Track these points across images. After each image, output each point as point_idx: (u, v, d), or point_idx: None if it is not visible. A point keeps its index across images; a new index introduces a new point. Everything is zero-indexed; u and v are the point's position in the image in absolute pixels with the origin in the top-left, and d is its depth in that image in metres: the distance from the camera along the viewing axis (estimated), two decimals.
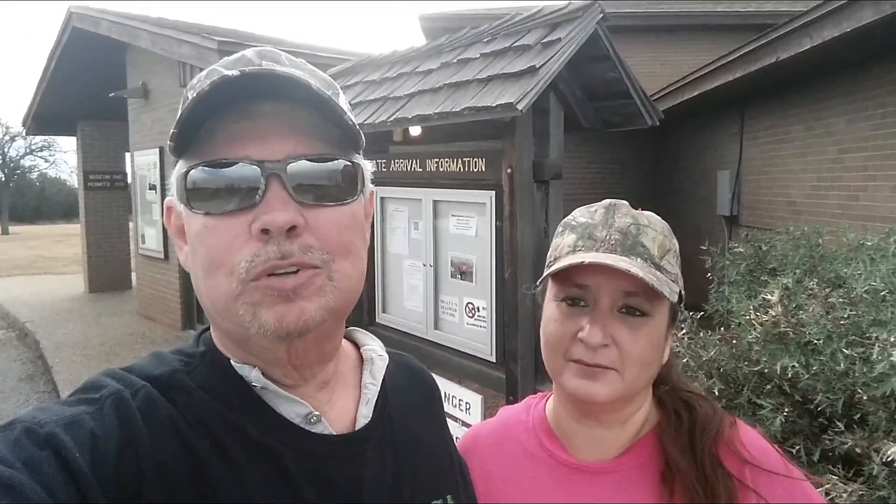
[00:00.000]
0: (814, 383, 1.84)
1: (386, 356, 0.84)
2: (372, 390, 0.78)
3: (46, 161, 41.82)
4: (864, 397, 1.70)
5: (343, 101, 0.70)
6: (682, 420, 0.91)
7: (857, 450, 1.70)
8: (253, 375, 0.67)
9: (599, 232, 0.89)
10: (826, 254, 2.63)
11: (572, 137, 3.21)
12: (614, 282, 0.85)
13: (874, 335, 1.77)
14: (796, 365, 1.83)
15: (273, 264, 0.61)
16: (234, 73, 0.61)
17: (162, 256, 8.86)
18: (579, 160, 9.27)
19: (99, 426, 0.58)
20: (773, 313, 2.00)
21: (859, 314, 1.91)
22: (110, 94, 8.87)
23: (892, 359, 1.61)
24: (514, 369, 3.15)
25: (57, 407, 0.60)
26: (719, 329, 2.36)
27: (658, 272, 0.86)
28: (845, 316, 1.90)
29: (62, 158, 43.77)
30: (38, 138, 36.12)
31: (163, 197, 8.73)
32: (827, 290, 2.11)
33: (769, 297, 2.07)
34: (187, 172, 0.64)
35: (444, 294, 3.61)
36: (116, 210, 11.80)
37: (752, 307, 2.11)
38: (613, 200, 0.95)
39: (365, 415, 0.76)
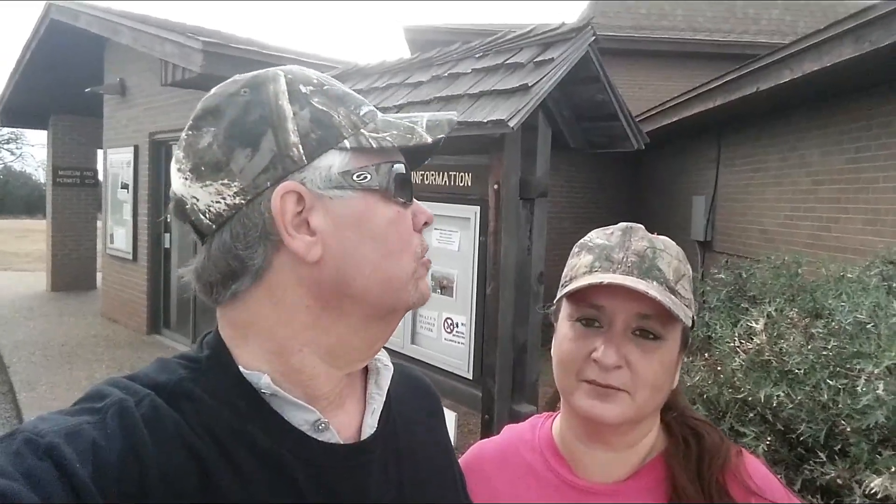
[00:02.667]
0: (797, 413, 1.85)
1: (391, 366, 0.83)
2: (378, 400, 0.78)
3: (13, 154, 40.85)
4: (848, 428, 1.71)
5: None
6: (690, 447, 0.92)
7: (839, 480, 1.70)
8: (262, 382, 0.66)
9: (616, 254, 0.90)
10: (804, 284, 2.67)
11: (552, 156, 3.24)
12: (630, 304, 0.86)
13: (857, 367, 1.78)
14: (781, 394, 1.84)
15: (426, 247, 0.76)
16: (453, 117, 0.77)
17: (130, 257, 8.65)
18: (558, 178, 9.34)
19: (101, 436, 0.57)
20: (758, 341, 2.01)
21: (842, 345, 1.92)
22: (86, 90, 8.68)
23: (877, 392, 1.62)
24: (492, 387, 3.13)
25: (59, 417, 0.59)
26: (701, 354, 2.36)
27: (673, 296, 0.87)
28: (829, 346, 1.91)
29: (29, 152, 42.64)
30: (4, 130, 35.27)
31: (135, 196, 8.59)
32: (807, 319, 2.13)
33: (754, 324, 2.08)
34: (393, 165, 0.72)
35: (422, 308, 3.57)
36: (85, 207, 11.56)
37: (736, 334, 2.12)
38: (630, 223, 0.96)
39: (371, 425, 0.75)
